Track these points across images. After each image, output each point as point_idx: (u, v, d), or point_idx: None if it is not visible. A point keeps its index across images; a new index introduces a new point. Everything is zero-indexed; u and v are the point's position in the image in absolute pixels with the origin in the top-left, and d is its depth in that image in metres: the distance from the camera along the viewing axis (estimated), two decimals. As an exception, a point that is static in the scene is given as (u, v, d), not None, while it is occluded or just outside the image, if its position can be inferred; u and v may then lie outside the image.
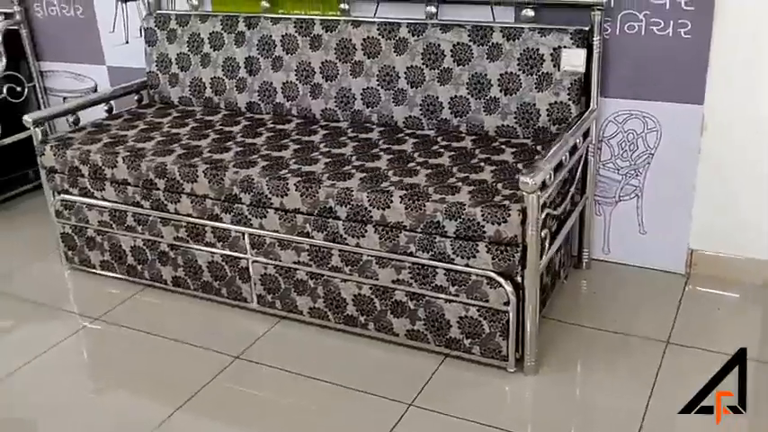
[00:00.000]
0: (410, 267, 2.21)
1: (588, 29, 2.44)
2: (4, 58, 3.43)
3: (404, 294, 2.26)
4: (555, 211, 2.24)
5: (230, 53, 2.98)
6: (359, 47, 2.74)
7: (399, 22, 2.68)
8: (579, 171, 2.51)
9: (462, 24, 2.58)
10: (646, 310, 2.51)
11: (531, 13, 2.54)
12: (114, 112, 3.09)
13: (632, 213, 2.70)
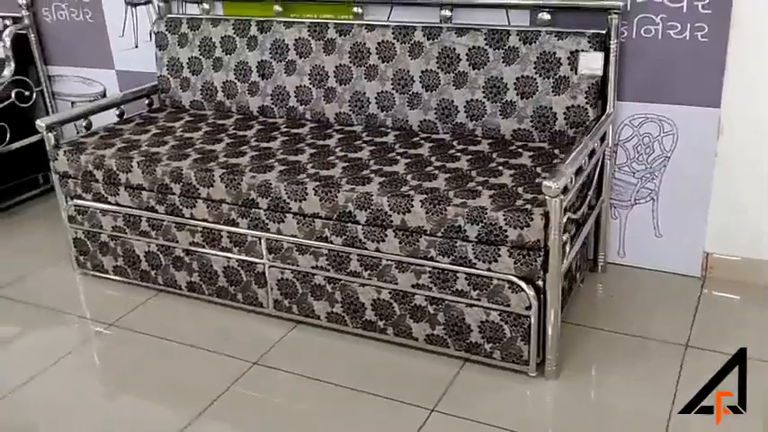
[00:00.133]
0: (430, 272, 2.21)
1: (605, 32, 2.44)
2: (12, 62, 3.41)
3: (423, 299, 2.25)
4: (575, 214, 2.24)
5: (243, 57, 2.96)
6: (373, 50, 2.73)
7: (414, 26, 2.67)
8: (596, 175, 2.51)
9: (478, 28, 2.58)
10: (663, 314, 2.51)
11: (548, 17, 2.53)
12: (125, 116, 3.08)
13: (648, 217, 2.70)
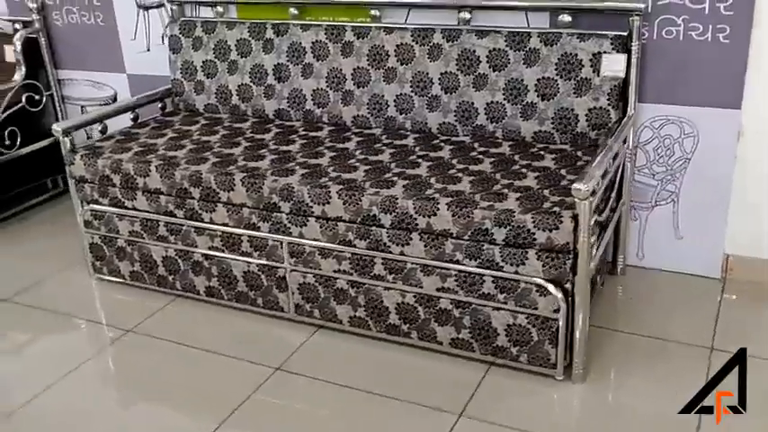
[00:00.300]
0: (456, 275, 2.19)
1: (626, 34, 2.44)
2: (23, 66, 3.38)
3: (449, 302, 2.23)
4: (600, 216, 2.22)
5: (258, 60, 2.95)
6: (392, 53, 2.72)
7: (434, 28, 2.66)
8: (617, 177, 2.50)
9: (498, 30, 2.57)
10: (685, 316, 2.50)
11: (569, 19, 2.52)
12: (139, 120, 3.05)
13: (668, 219, 2.69)
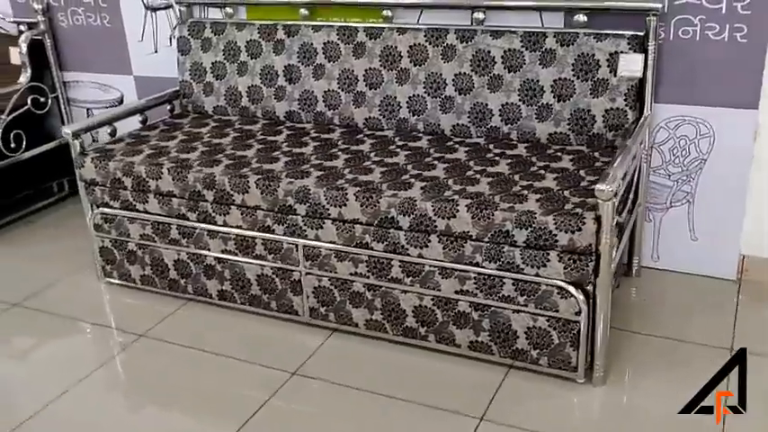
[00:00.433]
0: (475, 277, 2.17)
1: (643, 34, 2.42)
2: (29, 68, 3.34)
3: (468, 305, 2.21)
4: (620, 218, 2.21)
5: (269, 61, 2.92)
6: (405, 54, 2.70)
7: (447, 29, 2.64)
8: (634, 178, 2.49)
9: (514, 30, 2.55)
10: (703, 318, 2.48)
11: (584, 19, 2.51)
12: (148, 122, 3.02)
13: (683, 220, 2.68)
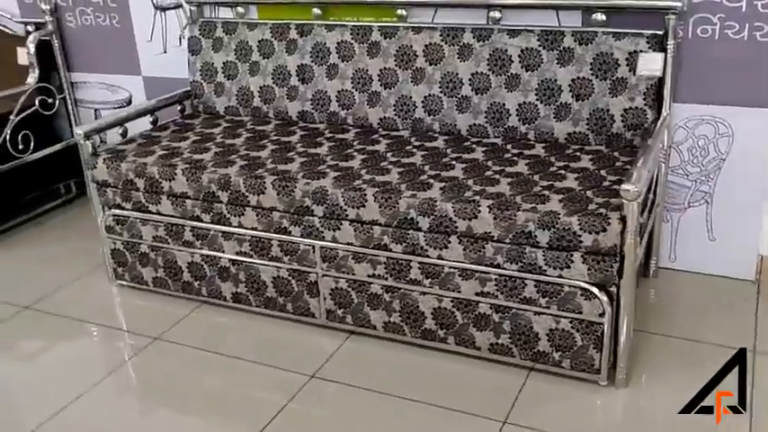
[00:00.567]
0: (496, 279, 2.14)
1: (662, 33, 2.40)
2: (37, 69, 3.31)
3: (488, 307, 2.19)
4: (642, 218, 2.18)
5: (281, 61, 2.89)
6: (420, 53, 2.67)
7: (464, 28, 2.61)
8: (655, 178, 2.47)
9: (531, 29, 2.53)
10: (722, 319, 2.46)
11: (603, 18, 2.48)
12: (158, 123, 2.99)
13: (701, 220, 2.65)
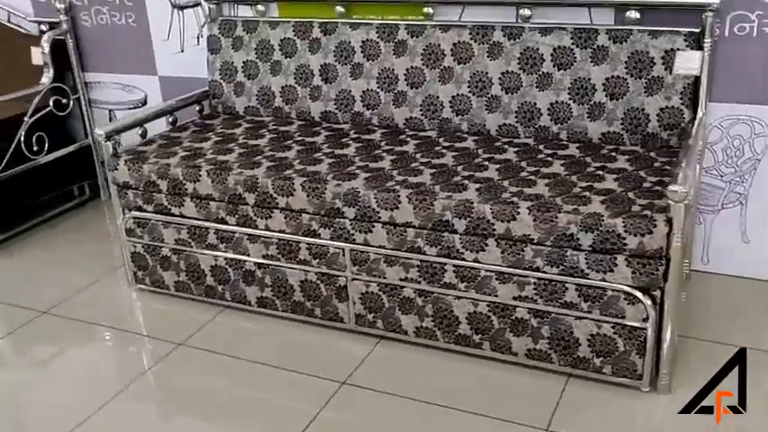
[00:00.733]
0: (535, 283, 2.09)
1: (699, 30, 2.35)
2: (51, 69, 3.25)
3: (526, 311, 2.13)
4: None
5: (304, 60, 2.83)
6: (448, 52, 2.61)
7: (494, 26, 2.56)
8: (689, 178, 2.42)
9: (564, 27, 2.47)
10: (758, 322, 2.41)
11: (637, 15, 2.43)
12: (177, 123, 2.93)
13: (735, 222, 2.60)
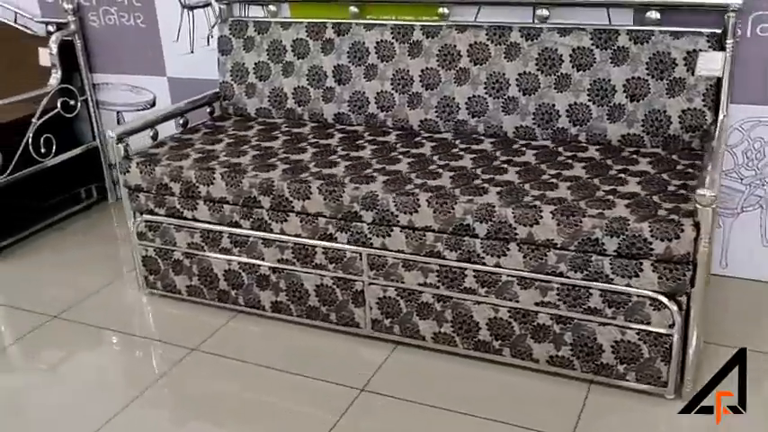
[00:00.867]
0: (558, 288, 2.05)
1: (721, 31, 2.31)
2: (59, 70, 3.20)
3: (548, 317, 2.09)
4: (708, 224, 2.10)
5: (316, 61, 2.80)
6: (464, 53, 2.58)
7: (511, 26, 2.52)
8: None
9: (583, 27, 2.44)
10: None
11: (657, 16, 2.40)
12: (188, 125, 2.89)
13: (755, 225, 2.57)
